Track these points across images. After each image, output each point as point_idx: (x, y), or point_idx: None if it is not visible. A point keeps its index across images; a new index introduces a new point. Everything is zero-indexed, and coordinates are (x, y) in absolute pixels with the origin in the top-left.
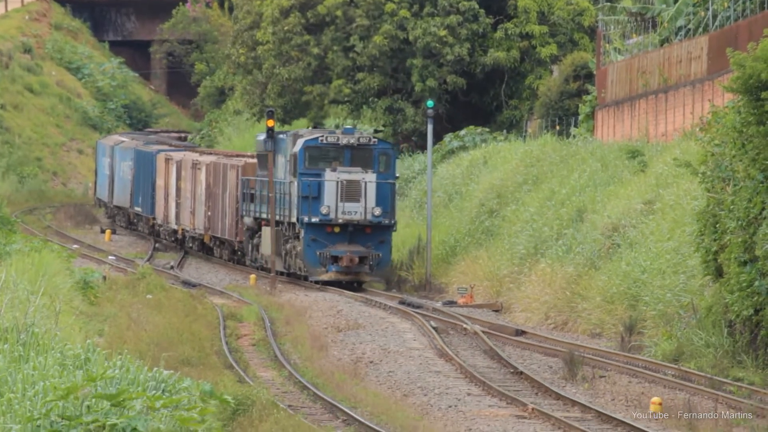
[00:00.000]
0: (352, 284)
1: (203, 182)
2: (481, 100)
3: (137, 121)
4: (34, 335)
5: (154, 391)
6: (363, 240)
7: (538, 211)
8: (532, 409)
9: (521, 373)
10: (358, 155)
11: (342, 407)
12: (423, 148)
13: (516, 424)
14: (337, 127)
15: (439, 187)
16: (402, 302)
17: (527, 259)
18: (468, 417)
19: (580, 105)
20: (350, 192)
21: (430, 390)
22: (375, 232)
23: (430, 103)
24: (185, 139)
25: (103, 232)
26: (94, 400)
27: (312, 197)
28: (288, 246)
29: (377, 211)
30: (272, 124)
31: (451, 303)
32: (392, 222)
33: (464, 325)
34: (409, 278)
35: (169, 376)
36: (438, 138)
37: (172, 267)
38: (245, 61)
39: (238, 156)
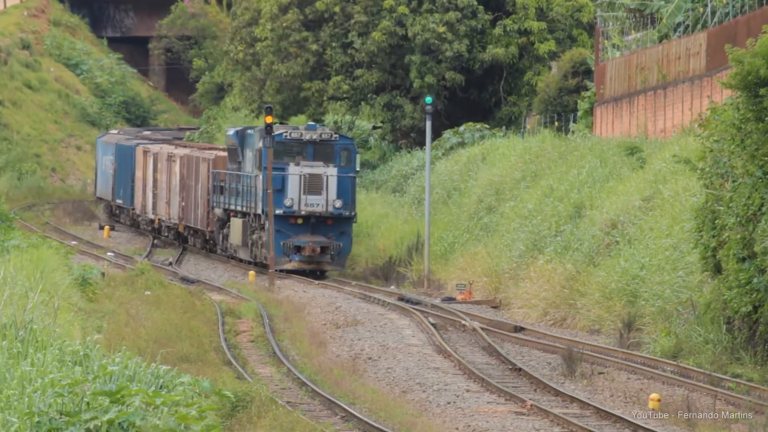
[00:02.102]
0: (315, 273)
1: (177, 174)
2: (480, 97)
3: (135, 117)
4: (32, 332)
5: (153, 388)
6: (325, 231)
7: (536, 208)
8: (531, 405)
9: (520, 369)
10: (320, 150)
11: (340, 403)
12: (421, 144)
13: (515, 420)
14: (334, 122)
15: (438, 183)
16: (401, 299)
17: (526, 256)
18: (467, 413)
19: (578, 101)
20: (312, 185)
21: (429, 386)
22: (336, 224)
23: (428, 99)
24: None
25: (101, 228)
26: (92, 396)
27: (276, 190)
28: (254, 236)
29: (338, 204)
30: (271, 120)
31: (450, 299)
32: (352, 214)
33: (463, 322)
34: (407, 274)
35: (167, 371)
36: (437, 134)
37: (170, 263)
38: (244, 57)
39: (210, 149)
